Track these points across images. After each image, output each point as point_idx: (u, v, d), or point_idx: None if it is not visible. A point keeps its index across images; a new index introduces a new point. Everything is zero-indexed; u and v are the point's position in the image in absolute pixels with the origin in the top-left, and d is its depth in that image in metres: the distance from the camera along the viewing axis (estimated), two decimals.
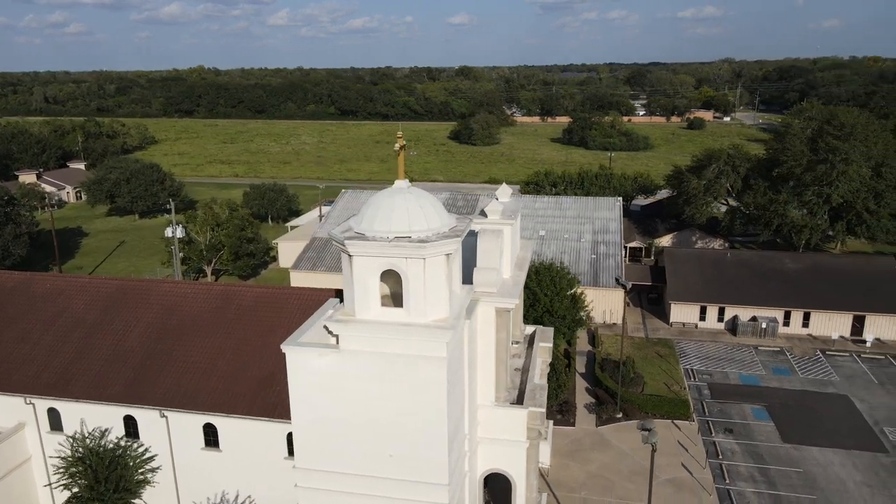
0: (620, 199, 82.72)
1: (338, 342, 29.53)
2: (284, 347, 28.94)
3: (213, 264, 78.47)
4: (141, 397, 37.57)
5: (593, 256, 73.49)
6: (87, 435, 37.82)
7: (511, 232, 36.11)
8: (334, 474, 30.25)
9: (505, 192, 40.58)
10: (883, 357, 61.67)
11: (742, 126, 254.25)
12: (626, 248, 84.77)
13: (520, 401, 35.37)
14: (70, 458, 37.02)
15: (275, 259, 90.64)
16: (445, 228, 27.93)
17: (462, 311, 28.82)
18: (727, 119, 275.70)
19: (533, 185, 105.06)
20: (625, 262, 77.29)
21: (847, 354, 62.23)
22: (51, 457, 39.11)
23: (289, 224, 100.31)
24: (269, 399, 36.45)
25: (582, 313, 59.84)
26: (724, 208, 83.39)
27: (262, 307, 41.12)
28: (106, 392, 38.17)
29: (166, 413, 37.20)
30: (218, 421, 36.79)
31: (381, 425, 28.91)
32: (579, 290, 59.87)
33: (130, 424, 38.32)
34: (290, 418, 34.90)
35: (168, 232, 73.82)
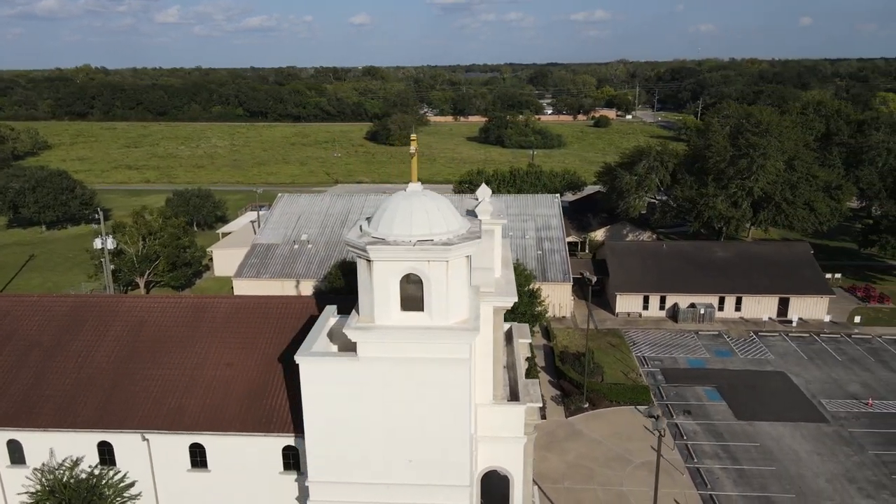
0: (559, 196, 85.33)
1: (356, 349, 29.05)
2: (298, 358, 28.16)
3: (146, 276, 74.16)
4: (118, 421, 35.16)
5: (539, 252, 75.40)
6: (57, 466, 34.99)
7: (500, 231, 36.65)
8: (350, 485, 29.78)
9: (485, 192, 41.03)
10: (808, 335, 67.15)
11: (643, 124, 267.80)
12: None
13: (514, 397, 35.98)
14: (39, 493, 34.13)
15: (208, 268, 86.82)
16: (463, 230, 28.06)
17: (479, 311, 29.05)
18: (629, 117, 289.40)
19: (466, 185, 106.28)
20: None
21: (777, 334, 67.28)
22: (18, 493, 35.82)
23: (219, 231, 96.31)
24: (262, 413, 35.12)
25: (539, 308, 61.31)
26: (654, 202, 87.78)
27: (239, 318, 39.55)
28: (76, 418, 35.47)
29: (148, 436, 35.00)
30: (206, 440, 35.02)
31: (400, 431, 28.72)
32: (536, 286, 61.36)
33: (106, 451, 35.77)
34: (286, 431, 34.02)
35: (97, 243, 69.06)
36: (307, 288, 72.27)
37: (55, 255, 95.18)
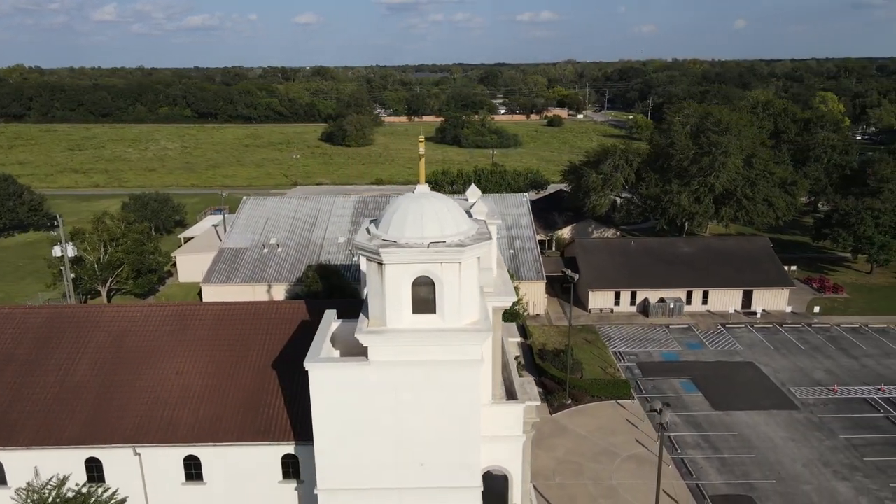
0: (527, 195, 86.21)
1: (358, 354, 28.75)
2: (308, 365, 27.67)
3: (108, 284, 71.45)
4: (107, 436, 33.82)
5: (511, 251, 76.01)
6: (42, 486, 33.40)
7: (496, 231, 36.81)
8: (361, 491, 29.46)
9: (475, 193, 41.13)
10: (771, 326, 69.72)
11: (595, 123, 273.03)
12: None
13: (510, 396, 36.17)
14: None
15: (171, 274, 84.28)
16: (473, 231, 28.07)
17: (487, 312, 29.10)
18: (580, 116, 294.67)
19: (431, 185, 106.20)
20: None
21: (743, 326, 69.63)
22: None
23: (181, 236, 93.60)
24: (259, 421, 34.35)
25: (517, 306, 61.82)
26: (619, 200, 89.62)
27: (227, 325, 38.60)
28: (61, 435, 33.95)
29: (140, 450, 33.77)
30: (201, 452, 34.02)
31: (411, 435, 28.55)
32: (515, 284, 61.76)
33: (94, 467, 34.34)
34: (286, 439, 33.43)
35: (56, 251, 66.19)
36: (279, 292, 71.02)
37: (4, 264, 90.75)
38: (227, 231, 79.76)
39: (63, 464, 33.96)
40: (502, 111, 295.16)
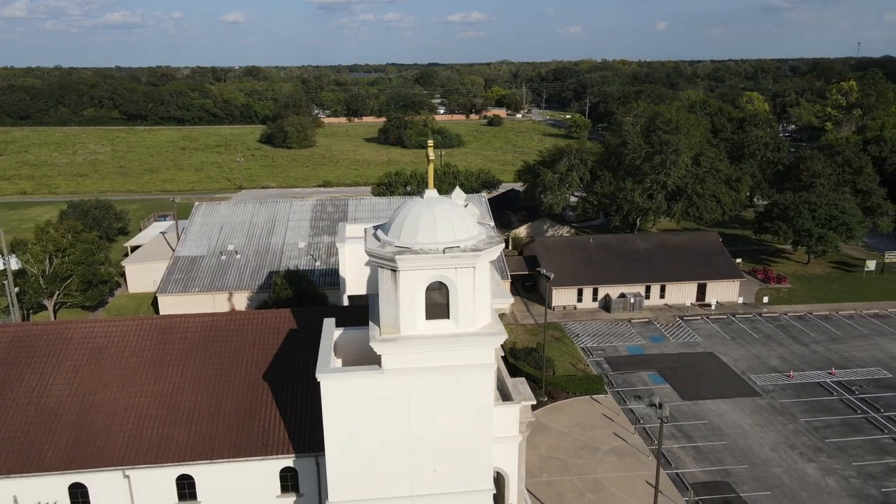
0: (484, 195, 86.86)
1: (371, 362, 28.43)
2: (320, 376, 27.13)
3: (55, 297, 67.65)
4: (93, 459, 32.11)
5: None
6: None
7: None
8: (373, 502, 29.05)
9: (460, 195, 41.31)
10: (725, 317, 72.79)
11: (533, 122, 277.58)
12: None
13: (504, 397, 36.49)
14: None
15: (119, 284, 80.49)
16: (483, 235, 28.13)
17: (497, 315, 29.23)
18: (519, 116, 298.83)
19: (385, 186, 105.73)
20: None
21: (699, 318, 72.40)
22: None
23: (127, 244, 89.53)
24: (255, 436, 33.37)
25: None
26: (573, 198, 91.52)
27: (212, 338, 37.33)
28: (42, 460, 32.00)
29: (129, 472, 32.21)
30: (195, 470, 32.76)
31: (424, 441, 28.43)
32: None
33: (79, 493, 32.51)
34: (285, 453, 32.71)
35: None
36: (241, 300, 69.09)
37: None
38: (181, 238, 76.86)
39: (45, 491, 32.04)
40: (442, 111, 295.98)
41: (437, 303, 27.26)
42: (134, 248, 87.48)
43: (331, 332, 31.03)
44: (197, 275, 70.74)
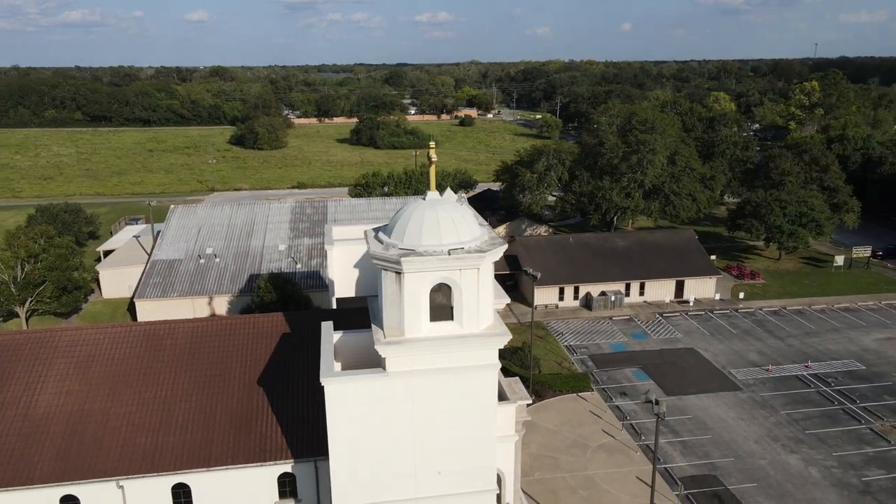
0: (464, 195, 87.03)
1: (374, 365, 28.32)
2: (325, 380, 26.94)
3: (27, 304, 65.76)
4: (84, 471, 31.32)
5: None
6: None
7: None
8: None
9: (451, 197, 41.34)
10: (703, 313, 74.19)
11: (504, 122, 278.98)
12: None
13: (500, 397, 36.62)
14: None
15: (92, 290, 78.58)
16: (486, 236, 28.21)
17: (499, 315, 29.32)
18: (490, 116, 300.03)
19: (362, 187, 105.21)
20: None
21: (678, 314, 73.67)
22: None
23: (99, 249, 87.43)
24: (252, 442, 32.94)
25: None
26: (551, 198, 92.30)
27: (204, 344, 36.74)
28: (32, 473, 31.13)
29: (123, 482, 31.50)
30: (191, 478, 32.19)
31: (429, 443, 28.42)
32: None
33: None
34: (283, 458, 32.42)
35: None
36: (222, 304, 68.08)
37: None
38: (157, 242, 75.38)
39: None
40: (413, 111, 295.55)
41: (442, 304, 27.25)
42: (107, 253, 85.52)
43: (330, 335, 30.78)
44: (175, 279, 69.48)
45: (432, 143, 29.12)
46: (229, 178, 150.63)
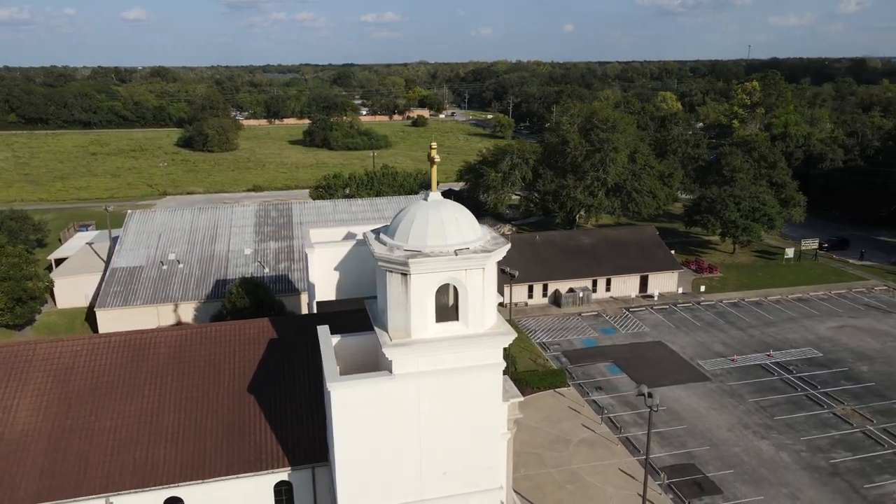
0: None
1: (383, 367, 28.13)
2: (331, 386, 26.58)
3: None
4: (70, 488, 30.05)
5: None
6: None
7: None
8: None
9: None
10: (667, 306, 76.26)
11: (457, 122, 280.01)
12: None
13: None
14: None
15: (45, 300, 75.17)
16: (488, 235, 28.34)
17: (501, 315, 29.49)
18: (442, 116, 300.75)
19: (324, 189, 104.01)
20: None
21: (644, 308, 75.51)
22: None
23: (51, 257, 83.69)
24: (247, 451, 32.21)
25: None
26: (515, 197, 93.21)
27: (189, 352, 35.71)
28: (14, 492, 29.69)
29: (113, 499, 30.33)
30: (185, 491, 31.25)
31: (435, 444, 28.41)
32: None
33: None
34: (280, 466, 31.93)
35: None
36: (188, 311, 66.20)
37: None
38: (116, 248, 72.67)
39: None
40: (364, 112, 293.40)
41: (447, 305, 27.24)
42: (59, 261, 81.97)
43: (329, 340, 30.34)
44: (138, 286, 67.18)
45: (434, 144, 29.00)
46: (181, 181, 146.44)
